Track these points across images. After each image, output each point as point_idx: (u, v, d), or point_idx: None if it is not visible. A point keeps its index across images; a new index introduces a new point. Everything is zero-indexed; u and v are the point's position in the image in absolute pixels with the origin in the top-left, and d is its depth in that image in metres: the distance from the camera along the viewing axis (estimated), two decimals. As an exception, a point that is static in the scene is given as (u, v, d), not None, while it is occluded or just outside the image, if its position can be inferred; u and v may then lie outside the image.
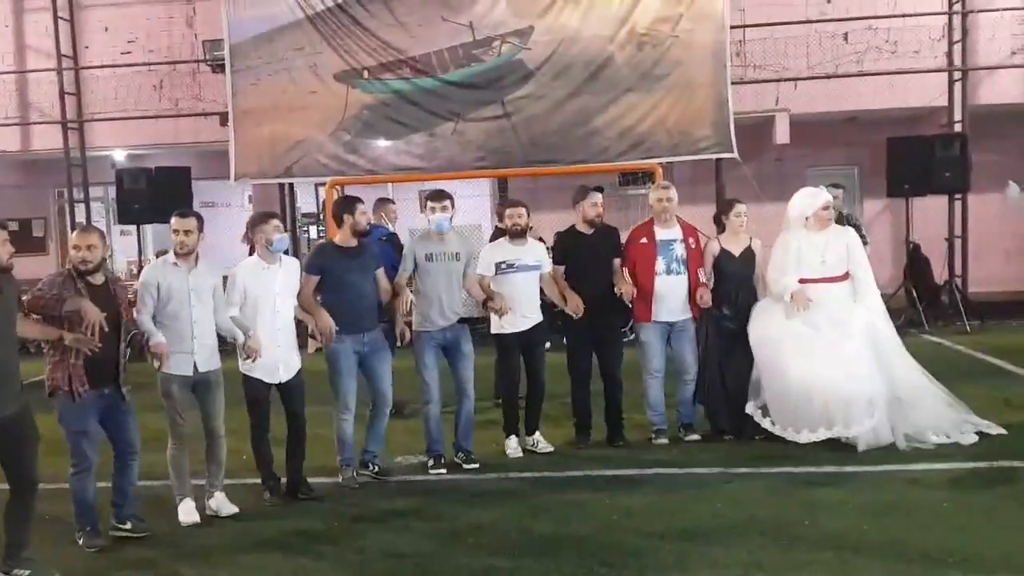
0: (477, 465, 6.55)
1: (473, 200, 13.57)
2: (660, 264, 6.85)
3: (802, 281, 6.70)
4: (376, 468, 6.40)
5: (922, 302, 12.36)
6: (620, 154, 12.61)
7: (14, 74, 14.99)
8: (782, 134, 13.95)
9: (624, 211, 12.86)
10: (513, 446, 6.87)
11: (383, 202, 9.09)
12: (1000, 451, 6.39)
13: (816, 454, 6.46)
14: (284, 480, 6.13)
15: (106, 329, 5.00)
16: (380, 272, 6.39)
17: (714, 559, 4.78)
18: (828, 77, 13.34)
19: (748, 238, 6.97)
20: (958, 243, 13.45)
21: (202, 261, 5.70)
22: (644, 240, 6.93)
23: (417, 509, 5.80)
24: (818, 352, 6.51)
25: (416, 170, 13.00)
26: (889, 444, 6.44)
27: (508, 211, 6.87)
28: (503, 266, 6.75)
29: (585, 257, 6.90)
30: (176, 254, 5.64)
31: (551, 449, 6.87)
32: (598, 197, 7.02)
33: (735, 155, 12.36)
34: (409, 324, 6.61)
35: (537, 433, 6.96)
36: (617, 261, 6.93)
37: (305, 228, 16.20)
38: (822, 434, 6.48)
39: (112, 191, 14.34)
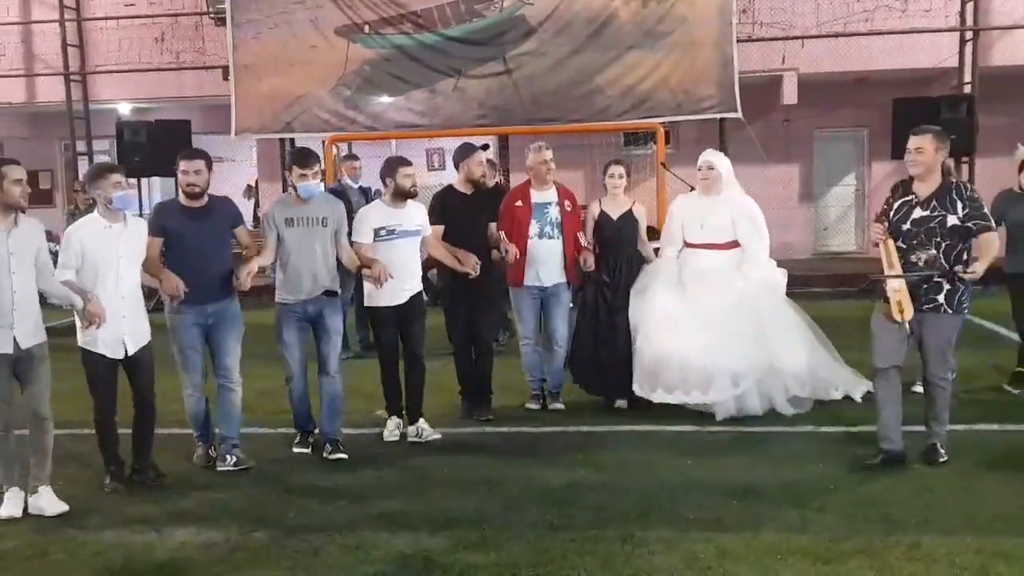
0: (345, 456, 5.86)
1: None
2: (534, 227, 6.65)
3: (687, 246, 6.63)
4: (235, 459, 5.68)
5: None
6: (622, 113, 12.44)
7: (18, 25, 14.98)
8: (789, 94, 13.77)
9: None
10: (391, 427, 6.31)
11: (347, 159, 9.48)
12: (975, 415, 6.34)
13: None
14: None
15: None
16: (240, 229, 5.83)
17: (676, 514, 4.78)
18: (837, 36, 13.10)
19: (631, 202, 6.73)
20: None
21: (23, 221, 4.97)
22: (519, 203, 6.72)
23: (391, 463, 5.82)
24: (686, 320, 6.39)
25: (417, 127, 12.93)
26: (766, 412, 6.43)
27: (400, 169, 6.11)
28: (383, 232, 6.09)
29: (461, 219, 6.52)
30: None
31: (439, 437, 6.23)
32: (483, 156, 6.77)
33: (739, 115, 12.19)
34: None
35: (422, 420, 6.27)
36: (493, 226, 6.66)
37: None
38: (678, 397, 6.41)
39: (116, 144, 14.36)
